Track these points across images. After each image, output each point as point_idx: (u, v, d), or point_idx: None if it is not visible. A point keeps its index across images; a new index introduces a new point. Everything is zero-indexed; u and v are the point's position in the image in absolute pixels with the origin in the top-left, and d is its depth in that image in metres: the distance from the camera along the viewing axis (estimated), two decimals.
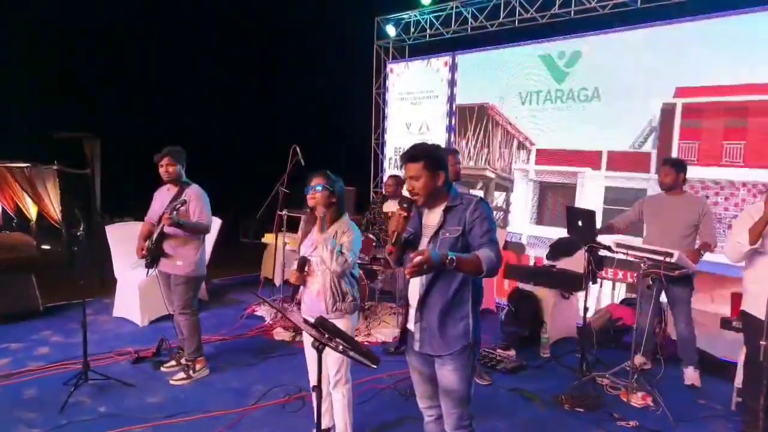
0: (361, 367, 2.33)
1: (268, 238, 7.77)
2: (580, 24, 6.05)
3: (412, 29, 7.89)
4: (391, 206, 6.40)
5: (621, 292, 5.88)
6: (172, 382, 4.26)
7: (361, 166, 9.25)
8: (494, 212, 7.03)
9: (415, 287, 2.52)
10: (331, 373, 3.17)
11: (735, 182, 5.20)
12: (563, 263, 5.47)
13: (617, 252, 4.17)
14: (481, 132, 7.45)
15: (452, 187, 2.56)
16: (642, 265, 3.99)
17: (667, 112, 5.56)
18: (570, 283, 5.36)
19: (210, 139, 10.35)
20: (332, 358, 3.12)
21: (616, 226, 4.79)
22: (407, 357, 2.70)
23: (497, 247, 2.41)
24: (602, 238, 4.50)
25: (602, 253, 4.41)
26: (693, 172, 5.27)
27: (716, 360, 4.73)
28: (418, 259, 2.17)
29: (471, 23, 7.11)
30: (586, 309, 4.53)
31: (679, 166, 4.45)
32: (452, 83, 7.21)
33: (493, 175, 7.41)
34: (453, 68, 7.19)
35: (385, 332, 5.51)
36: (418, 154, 2.49)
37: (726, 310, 4.73)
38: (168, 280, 4.36)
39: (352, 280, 3.22)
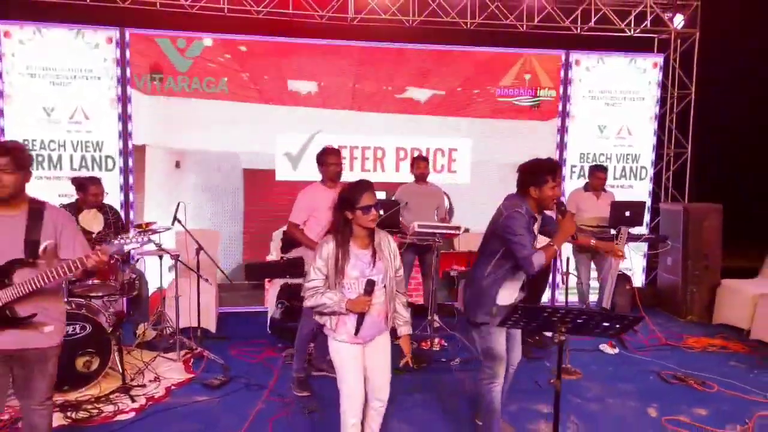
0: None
1: None
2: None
3: None
4: (91, 219, 5.00)
5: None
6: None
7: None
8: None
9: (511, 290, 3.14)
10: (384, 392, 2.91)
11: None
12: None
13: (417, 232, 5.09)
14: None
15: None
16: (437, 239, 5.10)
17: None
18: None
19: None
20: (387, 372, 2.91)
21: None
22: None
23: None
24: None
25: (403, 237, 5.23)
26: None
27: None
28: None
29: None
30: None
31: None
32: (123, 64, 5.96)
33: None
34: (123, 47, 5.94)
35: (176, 368, 4.51)
36: None
37: None
38: (13, 361, 2.51)
39: None
